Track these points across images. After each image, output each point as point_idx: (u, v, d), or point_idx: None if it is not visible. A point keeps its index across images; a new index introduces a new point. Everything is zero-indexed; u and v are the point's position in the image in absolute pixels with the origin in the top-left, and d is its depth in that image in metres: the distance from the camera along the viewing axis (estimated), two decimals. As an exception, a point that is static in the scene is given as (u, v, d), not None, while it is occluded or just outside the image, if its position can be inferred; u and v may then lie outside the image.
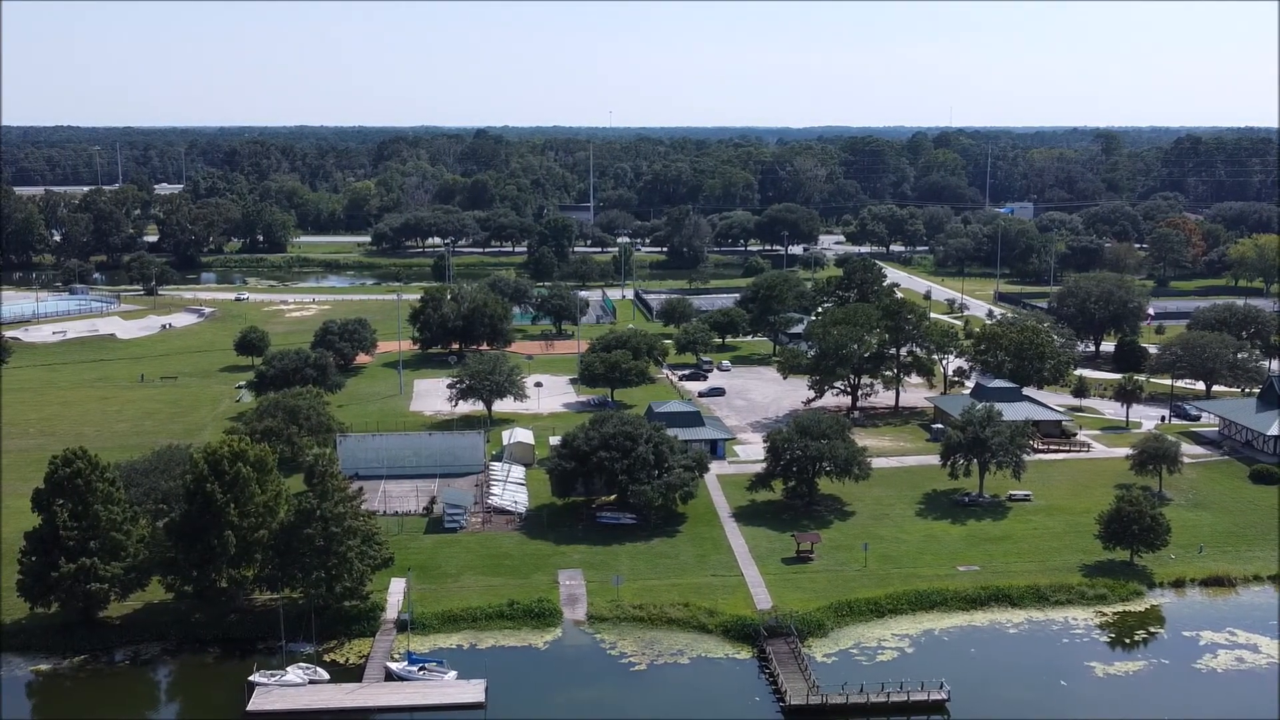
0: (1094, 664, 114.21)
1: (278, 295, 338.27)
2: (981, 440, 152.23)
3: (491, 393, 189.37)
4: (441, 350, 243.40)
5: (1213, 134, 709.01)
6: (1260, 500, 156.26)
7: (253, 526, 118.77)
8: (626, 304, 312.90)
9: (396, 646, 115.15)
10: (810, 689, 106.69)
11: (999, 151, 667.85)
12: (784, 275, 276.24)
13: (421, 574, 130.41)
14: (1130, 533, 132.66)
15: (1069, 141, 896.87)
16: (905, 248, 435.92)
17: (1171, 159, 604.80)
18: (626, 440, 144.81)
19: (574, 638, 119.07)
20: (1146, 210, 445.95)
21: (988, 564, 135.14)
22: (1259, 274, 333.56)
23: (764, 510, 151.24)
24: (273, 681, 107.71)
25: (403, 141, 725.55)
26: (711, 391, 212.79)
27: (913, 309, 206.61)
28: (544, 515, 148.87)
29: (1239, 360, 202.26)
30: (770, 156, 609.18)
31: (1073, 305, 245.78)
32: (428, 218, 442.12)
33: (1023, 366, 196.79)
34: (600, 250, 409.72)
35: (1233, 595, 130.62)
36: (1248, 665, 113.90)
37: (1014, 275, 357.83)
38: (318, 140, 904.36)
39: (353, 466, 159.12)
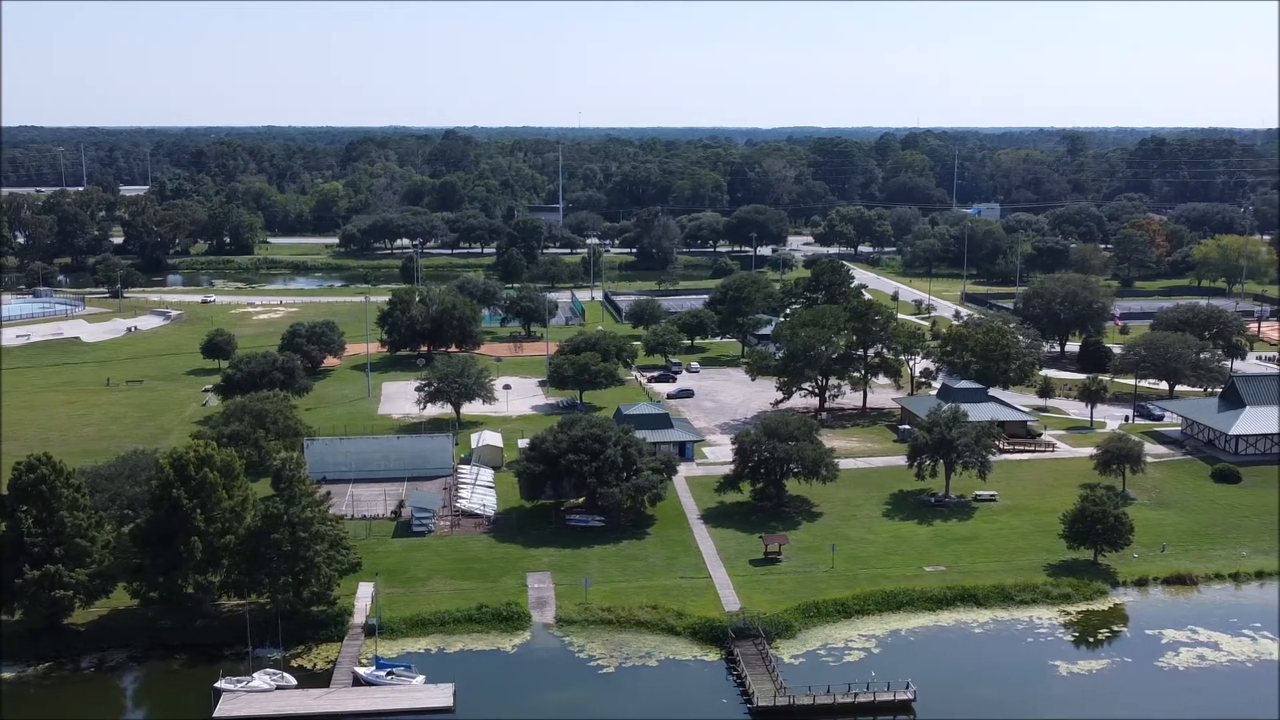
0: (1058, 663, 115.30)
1: (245, 297, 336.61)
2: (948, 441, 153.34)
3: (460, 395, 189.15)
4: (410, 353, 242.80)
5: (1177, 135, 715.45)
6: (1222, 499, 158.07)
7: (219, 532, 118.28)
8: (596, 306, 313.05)
9: (364, 651, 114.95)
10: (778, 690, 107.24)
11: (966, 152, 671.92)
12: (753, 276, 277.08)
13: (390, 578, 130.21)
14: (1094, 532, 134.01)
15: (1035, 142, 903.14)
16: (873, 248, 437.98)
17: (1136, 160, 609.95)
18: (595, 443, 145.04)
19: (543, 641, 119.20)
20: (1112, 211, 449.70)
21: (954, 564, 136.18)
22: (1222, 274, 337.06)
23: (732, 512, 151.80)
24: (239, 687, 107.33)
25: (371, 142, 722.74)
26: (680, 393, 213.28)
27: (880, 310, 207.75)
28: (513, 518, 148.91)
29: (1202, 360, 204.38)
30: (739, 157, 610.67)
31: (1038, 306, 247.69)
32: (396, 219, 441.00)
33: (989, 367, 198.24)
34: (569, 251, 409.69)
35: (1195, 594, 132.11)
36: (1209, 663, 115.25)
37: (981, 276, 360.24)
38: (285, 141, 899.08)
39: (320, 470, 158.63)
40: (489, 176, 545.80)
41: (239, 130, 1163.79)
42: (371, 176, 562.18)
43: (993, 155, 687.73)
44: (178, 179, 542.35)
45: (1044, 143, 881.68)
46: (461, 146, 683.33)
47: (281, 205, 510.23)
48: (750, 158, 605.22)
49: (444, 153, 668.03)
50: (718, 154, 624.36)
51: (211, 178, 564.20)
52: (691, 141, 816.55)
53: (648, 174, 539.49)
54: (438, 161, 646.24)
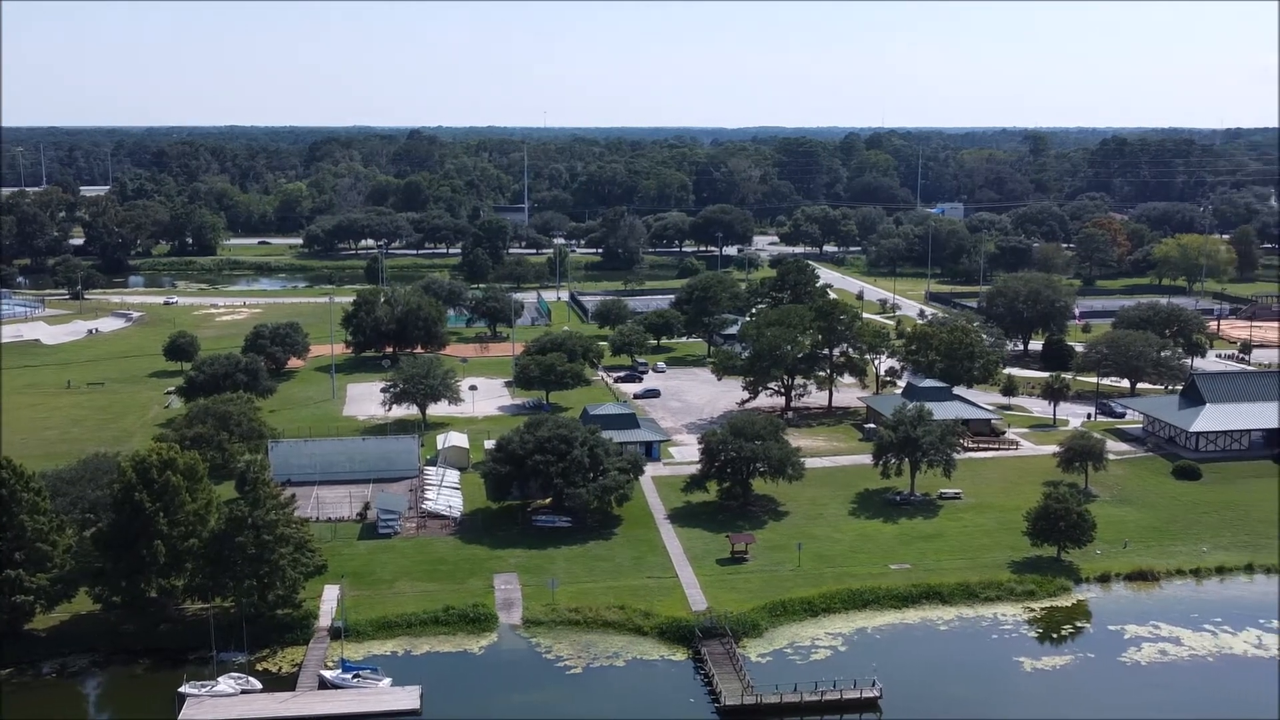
0: (1023, 659, 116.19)
1: (208, 299, 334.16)
2: (913, 439, 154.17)
3: (426, 396, 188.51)
4: (375, 354, 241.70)
5: (1137, 135, 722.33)
6: (1183, 495, 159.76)
7: (183, 535, 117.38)
8: (562, 306, 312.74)
9: (330, 654, 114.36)
10: (745, 689, 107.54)
11: (930, 152, 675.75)
12: (719, 276, 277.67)
13: (355, 580, 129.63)
14: (1057, 529, 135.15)
15: (998, 142, 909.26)
16: (838, 248, 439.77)
17: (1098, 160, 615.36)
18: (562, 443, 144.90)
19: (510, 642, 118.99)
20: (1073, 210, 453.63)
21: (919, 562, 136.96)
22: (1182, 273, 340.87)
23: (699, 511, 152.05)
24: (204, 692, 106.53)
25: (335, 142, 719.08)
26: (647, 393, 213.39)
27: (845, 310, 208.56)
28: (479, 519, 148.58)
29: (1163, 358, 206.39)
30: (705, 157, 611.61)
31: (1002, 305, 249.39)
32: (361, 219, 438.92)
33: (953, 366, 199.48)
34: (535, 252, 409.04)
35: (1156, 589, 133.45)
36: (1171, 658, 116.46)
37: (945, 275, 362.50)
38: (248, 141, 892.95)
39: (285, 472, 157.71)
40: (454, 176, 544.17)
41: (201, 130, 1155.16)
42: (336, 176, 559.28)
43: (956, 155, 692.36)
44: (139, 179, 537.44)
45: (1007, 143, 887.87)
46: (426, 146, 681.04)
47: (244, 205, 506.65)
48: (716, 157, 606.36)
49: (409, 153, 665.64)
50: (683, 154, 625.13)
51: (173, 178, 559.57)
52: (657, 141, 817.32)
53: (613, 174, 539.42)
54: (402, 161, 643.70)
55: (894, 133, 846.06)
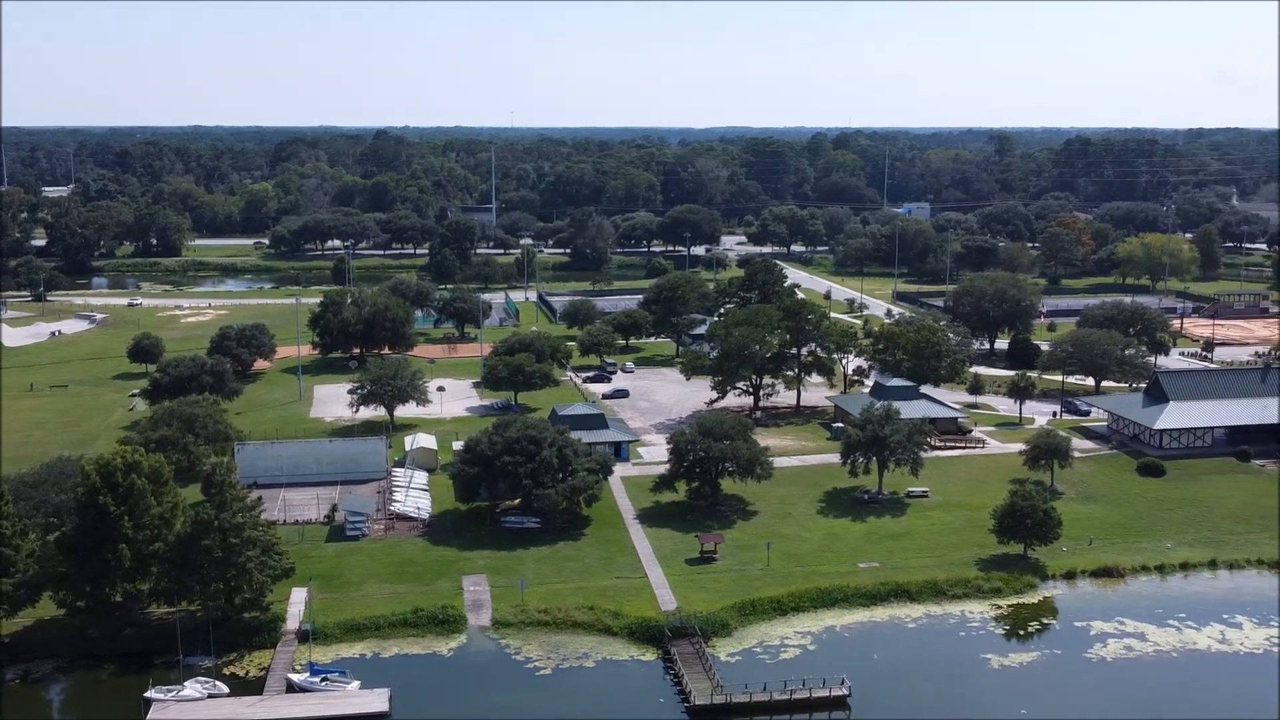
0: (990, 656, 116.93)
1: (173, 300, 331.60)
2: (880, 438, 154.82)
3: (393, 397, 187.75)
4: (342, 355, 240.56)
5: (1101, 135, 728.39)
6: (1147, 492, 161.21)
7: (148, 539, 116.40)
8: (530, 306, 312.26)
9: (298, 657, 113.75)
10: (714, 688, 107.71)
11: (897, 152, 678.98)
12: (687, 276, 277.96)
13: (323, 583, 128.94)
14: (1024, 527, 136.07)
15: (964, 142, 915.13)
16: (806, 248, 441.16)
17: (1062, 160, 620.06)
18: (530, 444, 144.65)
19: (479, 643, 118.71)
20: (1039, 210, 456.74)
21: (887, 560, 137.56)
22: (1146, 272, 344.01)
23: (668, 511, 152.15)
24: (170, 696, 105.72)
25: (301, 142, 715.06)
26: (615, 393, 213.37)
27: (813, 309, 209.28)
28: (448, 521, 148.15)
29: (1127, 356, 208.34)
30: (672, 157, 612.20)
31: (968, 304, 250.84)
32: (327, 220, 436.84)
33: (920, 365, 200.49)
34: (503, 252, 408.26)
35: (1121, 585, 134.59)
36: (1136, 653, 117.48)
37: (912, 275, 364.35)
38: (213, 141, 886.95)
39: (251, 475, 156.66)
40: (421, 177, 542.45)
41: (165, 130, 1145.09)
42: (301, 177, 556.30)
43: (922, 155, 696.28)
44: (102, 180, 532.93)
45: (972, 143, 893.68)
46: (393, 147, 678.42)
47: (209, 206, 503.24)
48: (683, 158, 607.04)
49: (375, 153, 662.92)
50: (651, 154, 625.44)
51: (137, 178, 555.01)
52: (625, 141, 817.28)
53: (581, 174, 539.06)
54: (369, 162, 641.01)
55: (861, 133, 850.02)
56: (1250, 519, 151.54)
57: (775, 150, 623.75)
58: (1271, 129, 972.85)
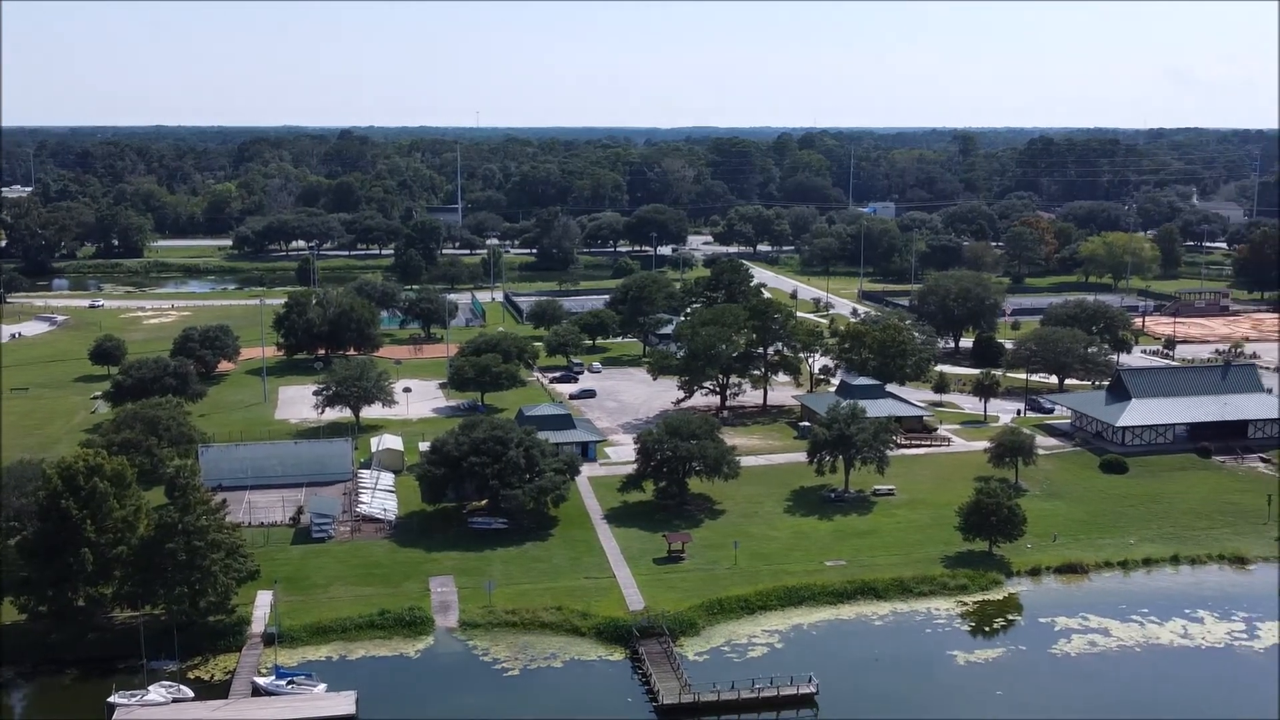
0: (956, 652, 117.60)
1: (135, 301, 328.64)
2: (847, 437, 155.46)
3: (359, 399, 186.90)
4: (307, 356, 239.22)
5: (1064, 135, 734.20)
6: (1110, 489, 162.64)
7: (111, 542, 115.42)
8: (496, 306, 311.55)
9: (264, 660, 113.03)
10: (682, 688, 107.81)
11: (862, 152, 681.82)
12: (653, 276, 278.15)
13: (289, 585, 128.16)
14: (989, 524, 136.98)
15: (928, 142, 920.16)
16: (772, 247, 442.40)
17: (1025, 159, 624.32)
18: (497, 445, 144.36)
19: (446, 645, 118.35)
20: (1002, 209, 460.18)
21: (854, 558, 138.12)
22: (1108, 270, 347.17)
23: (636, 511, 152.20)
24: (134, 702, 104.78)
25: (264, 142, 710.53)
26: (582, 393, 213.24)
27: (779, 309, 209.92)
28: (414, 522, 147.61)
29: (1090, 354, 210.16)
30: (638, 157, 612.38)
31: (933, 303, 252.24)
32: (291, 220, 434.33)
33: (886, 364, 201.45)
34: (469, 252, 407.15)
35: (1085, 581, 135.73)
36: (1100, 648, 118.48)
37: (877, 274, 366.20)
38: (175, 141, 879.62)
39: (216, 477, 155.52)
40: (386, 177, 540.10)
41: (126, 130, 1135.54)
42: (265, 177, 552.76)
43: (887, 155, 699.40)
44: (63, 180, 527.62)
45: (936, 143, 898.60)
46: (358, 147, 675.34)
47: (172, 207, 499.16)
48: (649, 158, 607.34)
49: (340, 153, 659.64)
50: (617, 154, 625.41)
51: (98, 179, 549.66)
52: (591, 141, 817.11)
53: (547, 174, 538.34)
54: (334, 162, 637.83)
55: (826, 133, 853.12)
56: (1211, 515, 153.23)
57: (741, 150, 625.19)
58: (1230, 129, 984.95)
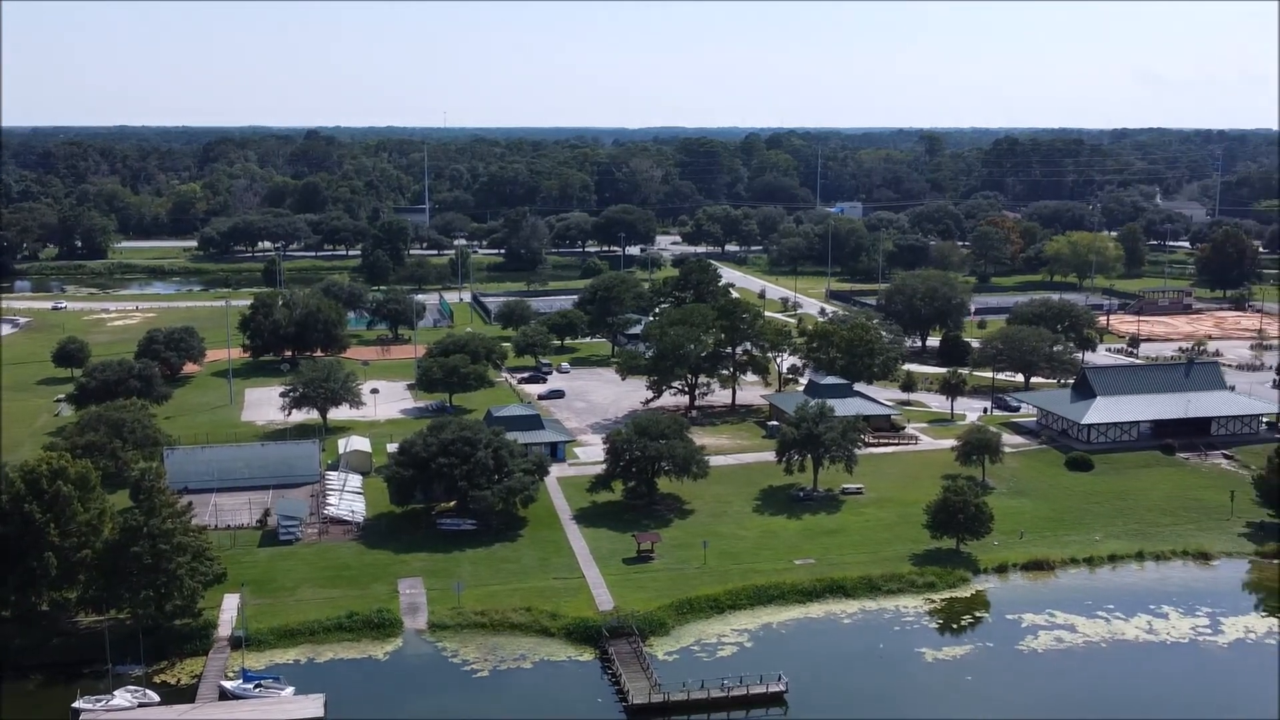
0: (924, 650, 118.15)
1: (99, 303, 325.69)
2: (815, 436, 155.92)
3: (326, 400, 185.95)
4: (274, 358, 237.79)
5: (1029, 135, 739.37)
6: (1076, 486, 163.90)
7: (75, 546, 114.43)
8: (464, 307, 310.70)
9: (231, 664, 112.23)
10: (652, 688, 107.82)
11: (829, 152, 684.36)
12: (622, 276, 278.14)
13: (256, 588, 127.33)
14: (956, 522, 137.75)
15: (895, 142, 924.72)
16: (740, 247, 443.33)
17: (991, 159, 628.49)
18: (466, 446, 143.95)
19: (415, 647, 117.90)
20: (968, 209, 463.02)
21: (823, 557, 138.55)
22: (1073, 269, 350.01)
23: (605, 511, 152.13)
24: (99, 707, 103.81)
25: (230, 142, 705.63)
26: (551, 394, 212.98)
27: (748, 308, 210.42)
28: (383, 524, 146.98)
29: (1055, 353, 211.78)
30: (606, 157, 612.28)
31: (900, 302, 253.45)
32: (257, 221, 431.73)
33: (854, 363, 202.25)
34: (437, 253, 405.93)
35: (1052, 578, 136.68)
36: (1066, 645, 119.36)
37: (845, 273, 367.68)
38: (139, 141, 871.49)
39: (182, 480, 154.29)
40: (353, 177, 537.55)
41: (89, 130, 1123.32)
42: (231, 178, 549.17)
43: (854, 155, 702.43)
44: (24, 181, 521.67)
45: (903, 143, 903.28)
46: (324, 147, 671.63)
47: (136, 208, 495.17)
48: (618, 158, 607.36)
49: (306, 153, 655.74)
50: (585, 154, 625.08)
51: (60, 179, 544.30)
52: (559, 141, 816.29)
53: (515, 174, 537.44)
54: (300, 162, 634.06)
55: (793, 133, 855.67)
56: (1175, 511, 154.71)
57: (709, 150, 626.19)
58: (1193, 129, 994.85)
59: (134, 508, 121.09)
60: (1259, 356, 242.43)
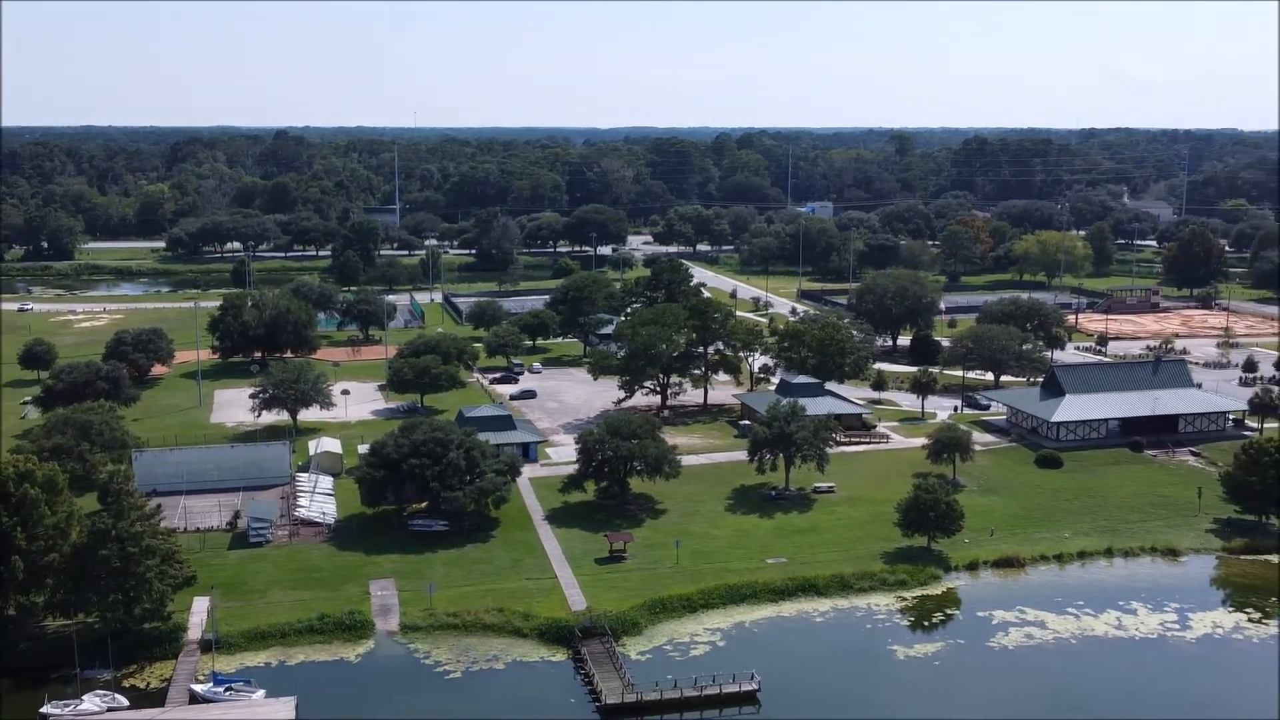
0: (896, 647, 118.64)
1: (65, 305, 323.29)
2: (787, 435, 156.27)
3: (296, 401, 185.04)
4: (243, 359, 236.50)
5: (998, 135, 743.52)
6: (1045, 484, 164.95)
7: (43, 550, 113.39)
8: (435, 308, 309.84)
9: (201, 667, 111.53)
10: (625, 687, 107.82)
11: (800, 152, 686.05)
12: (593, 276, 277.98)
13: (226, 591, 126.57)
14: (927, 519, 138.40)
15: (865, 142, 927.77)
16: (711, 247, 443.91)
17: (960, 159, 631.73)
18: (437, 446, 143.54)
19: (387, 649, 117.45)
20: (938, 209, 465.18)
21: (795, 555, 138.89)
22: (1041, 268, 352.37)
23: (577, 511, 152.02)
24: (67, 712, 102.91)
25: (198, 143, 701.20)
26: (523, 394, 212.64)
27: (719, 308, 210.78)
28: (354, 525, 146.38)
29: (1024, 351, 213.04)
30: (578, 157, 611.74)
31: (871, 301, 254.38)
32: (226, 222, 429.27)
33: (825, 362, 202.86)
34: (407, 253, 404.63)
35: (1022, 575, 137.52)
36: (1036, 641, 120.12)
37: (816, 273, 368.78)
38: (106, 141, 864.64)
39: (150, 483, 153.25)
40: (323, 177, 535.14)
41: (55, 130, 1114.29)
42: (199, 178, 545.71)
43: (825, 155, 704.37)
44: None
45: (873, 143, 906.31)
46: (293, 147, 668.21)
47: (103, 208, 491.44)
48: (589, 158, 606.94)
49: (275, 153, 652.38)
50: (556, 154, 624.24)
51: (26, 180, 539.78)
52: (530, 141, 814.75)
53: (486, 174, 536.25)
54: (269, 162, 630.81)
55: (764, 133, 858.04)
56: (1144, 508, 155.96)
57: (680, 150, 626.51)
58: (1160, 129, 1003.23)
59: (102, 511, 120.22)
60: (1225, 354, 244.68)
